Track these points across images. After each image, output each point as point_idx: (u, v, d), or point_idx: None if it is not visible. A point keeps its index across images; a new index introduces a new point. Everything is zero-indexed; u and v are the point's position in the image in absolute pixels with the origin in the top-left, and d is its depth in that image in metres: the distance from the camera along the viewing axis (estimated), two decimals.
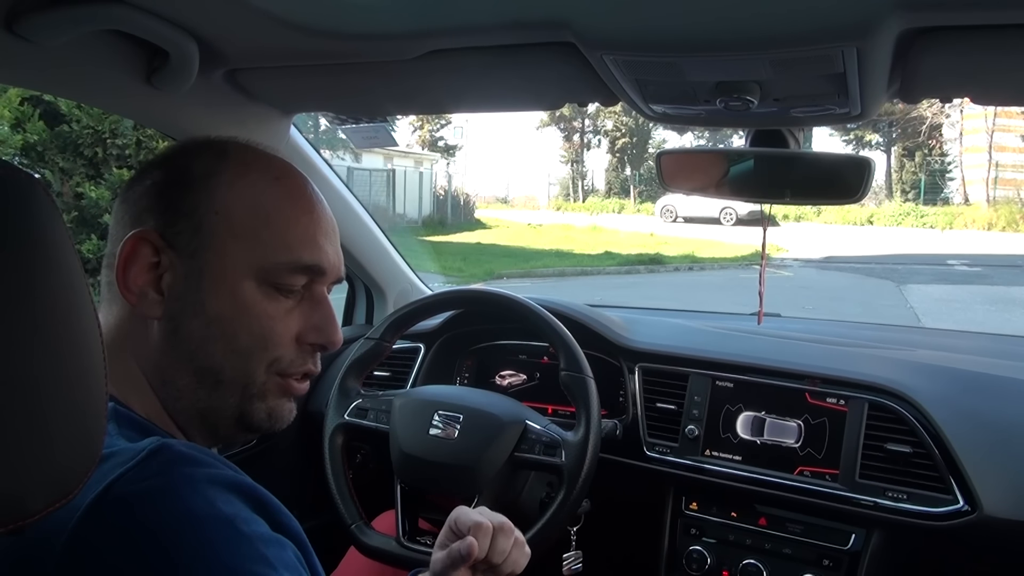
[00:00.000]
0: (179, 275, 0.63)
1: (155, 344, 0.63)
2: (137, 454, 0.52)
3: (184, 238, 0.63)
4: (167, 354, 0.63)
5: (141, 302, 0.62)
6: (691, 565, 1.30)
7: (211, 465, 0.54)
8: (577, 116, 27.41)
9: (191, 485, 0.51)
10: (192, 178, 0.64)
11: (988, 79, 0.90)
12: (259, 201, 0.65)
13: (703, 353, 1.37)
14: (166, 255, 0.63)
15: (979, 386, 1.28)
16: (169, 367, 0.64)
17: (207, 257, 0.63)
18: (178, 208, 0.63)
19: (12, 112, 3.68)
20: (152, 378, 0.64)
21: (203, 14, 0.86)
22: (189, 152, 0.67)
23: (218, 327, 0.63)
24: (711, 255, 13.65)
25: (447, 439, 1.19)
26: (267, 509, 0.56)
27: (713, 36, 0.78)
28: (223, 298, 0.63)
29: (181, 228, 0.63)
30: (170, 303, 0.63)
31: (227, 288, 0.63)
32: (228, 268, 0.63)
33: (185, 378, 0.64)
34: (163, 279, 0.63)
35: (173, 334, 0.63)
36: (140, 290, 0.62)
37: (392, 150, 18.68)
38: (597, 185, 30.03)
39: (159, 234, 0.63)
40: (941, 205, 21.86)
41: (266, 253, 0.65)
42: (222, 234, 0.63)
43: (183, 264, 0.63)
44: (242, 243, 0.64)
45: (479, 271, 11.13)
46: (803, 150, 1.13)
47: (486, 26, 0.84)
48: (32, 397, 0.39)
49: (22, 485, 0.39)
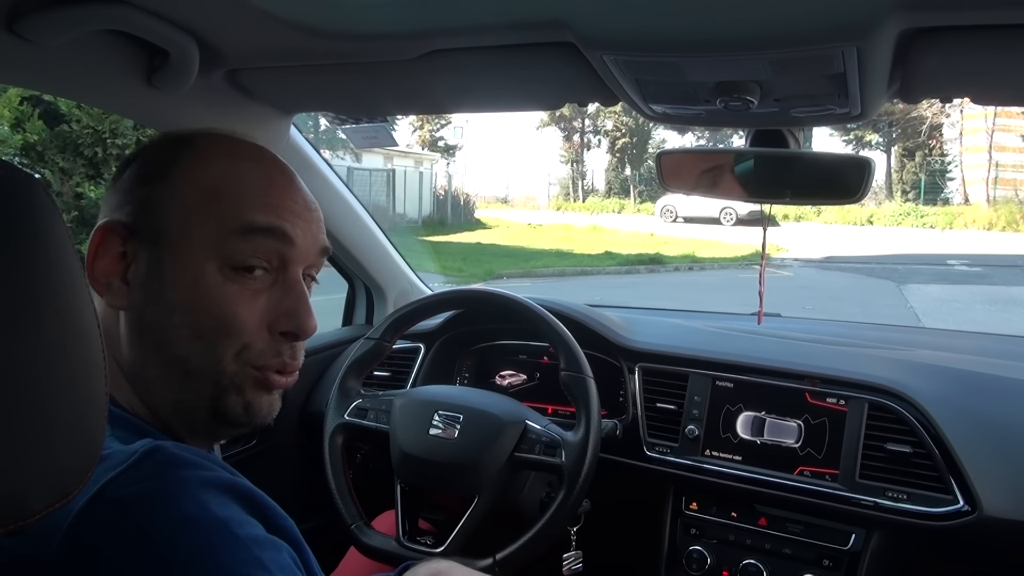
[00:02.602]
0: (142, 264, 0.63)
1: (124, 335, 0.64)
2: (130, 456, 0.51)
3: (147, 226, 0.63)
4: (135, 345, 0.64)
5: (107, 292, 0.63)
6: (691, 565, 1.30)
7: (204, 467, 0.54)
8: (577, 116, 27.40)
9: (184, 488, 0.51)
10: (157, 169, 0.65)
11: (988, 79, 0.90)
12: (218, 180, 0.65)
13: (703, 353, 1.37)
14: (131, 245, 0.63)
15: (979, 386, 1.28)
16: (138, 358, 0.64)
17: (168, 244, 0.63)
18: (144, 199, 0.64)
19: (12, 112, 3.68)
20: (130, 373, 0.64)
21: (203, 14, 0.86)
22: (159, 144, 0.68)
23: (180, 314, 0.63)
24: (711, 255, 13.65)
25: (447, 439, 1.19)
26: (262, 511, 0.56)
27: (713, 36, 0.78)
28: (184, 284, 0.63)
29: (145, 217, 0.64)
30: (134, 292, 0.63)
31: (189, 274, 0.63)
32: (189, 253, 0.63)
33: (154, 369, 0.64)
34: (130, 269, 0.63)
35: (138, 323, 0.63)
36: (107, 280, 0.63)
37: (392, 150, 18.68)
38: (597, 185, 30.05)
39: (123, 224, 0.63)
40: (941, 205, 21.86)
41: (221, 227, 0.63)
42: (180, 220, 0.63)
43: (146, 253, 0.63)
44: (199, 225, 0.63)
45: (479, 271, 11.13)
46: (803, 150, 1.13)
47: (486, 26, 0.84)
48: (33, 397, 0.39)
49: (23, 485, 0.39)
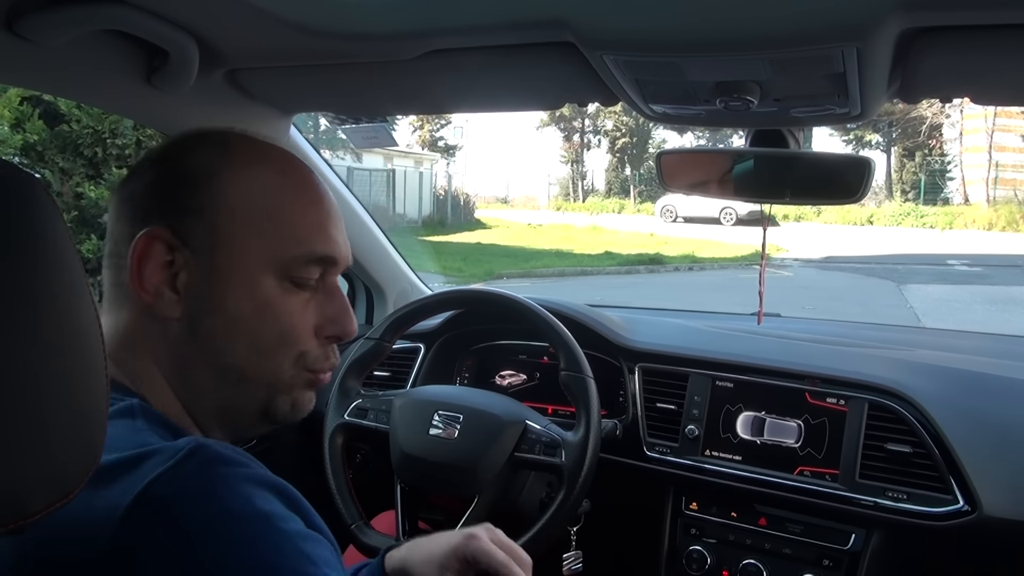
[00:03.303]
0: (195, 273, 0.62)
1: (173, 343, 0.63)
2: (175, 453, 0.51)
3: (197, 236, 0.62)
4: (187, 353, 0.63)
5: (158, 301, 0.61)
6: (691, 565, 1.30)
7: (247, 464, 0.54)
8: (577, 116, 27.41)
9: (228, 484, 0.51)
10: (196, 175, 0.63)
11: (988, 79, 0.90)
12: (267, 196, 0.65)
13: (703, 353, 1.37)
14: (180, 254, 0.62)
15: (979, 386, 1.28)
16: (189, 366, 0.63)
17: (222, 255, 0.62)
18: (185, 206, 0.62)
19: (12, 112, 3.68)
20: (172, 377, 0.63)
21: (203, 14, 0.86)
22: (189, 146, 0.66)
23: (240, 325, 0.63)
24: (711, 255, 13.65)
25: (447, 439, 1.19)
26: (300, 508, 0.56)
27: (713, 36, 0.78)
28: (242, 296, 0.63)
29: (192, 225, 0.62)
30: (187, 302, 0.62)
31: (246, 285, 0.63)
32: (245, 265, 0.63)
33: (206, 376, 0.63)
34: (178, 278, 0.62)
35: (192, 333, 0.62)
36: (156, 289, 0.61)
37: (392, 150, 18.68)
38: (597, 185, 30.06)
39: (172, 232, 0.61)
40: (941, 205, 21.87)
41: (281, 247, 0.64)
42: (235, 232, 0.63)
43: (198, 262, 0.62)
44: (256, 239, 0.63)
45: (479, 271, 11.13)
46: (803, 150, 1.13)
47: (486, 26, 0.84)
48: (33, 397, 0.39)
49: (22, 485, 0.39)
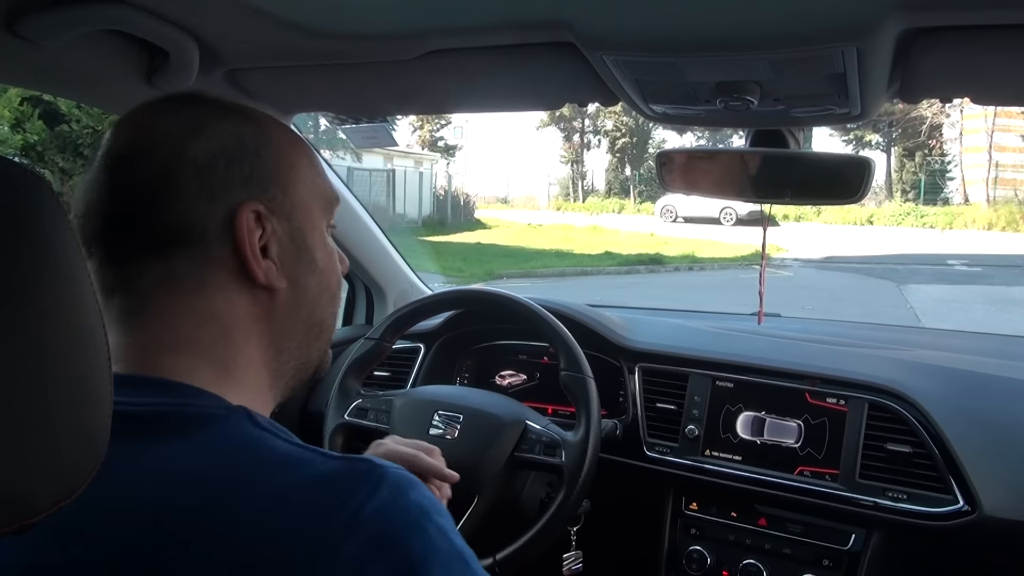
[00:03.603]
0: (284, 240, 0.61)
1: (275, 315, 0.61)
2: (363, 479, 0.50)
3: (279, 202, 0.61)
4: (288, 320, 0.62)
5: (270, 276, 0.60)
6: (691, 565, 1.30)
7: (424, 487, 0.54)
8: (577, 116, 27.41)
9: (427, 517, 0.51)
10: (252, 144, 0.61)
11: (988, 79, 0.90)
12: (304, 151, 0.66)
13: (703, 353, 1.37)
14: (270, 223, 0.60)
15: (979, 386, 1.28)
16: (286, 334, 0.63)
17: (302, 216, 0.63)
18: (261, 175, 0.61)
19: (12, 112, 3.68)
20: (268, 352, 0.62)
21: (203, 14, 0.86)
22: (218, 114, 0.62)
23: (325, 278, 0.65)
24: (711, 255, 13.66)
25: (447, 439, 1.19)
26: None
27: (713, 36, 0.78)
28: (322, 250, 0.65)
29: (274, 194, 0.61)
30: (288, 269, 0.61)
31: (321, 239, 0.65)
32: (316, 220, 0.64)
33: (301, 338, 0.64)
34: (269, 248, 0.60)
35: (298, 298, 0.62)
36: (266, 265, 0.60)
37: (392, 150, 18.69)
38: (597, 185, 30.06)
39: (260, 204, 0.60)
40: (941, 205, 21.88)
41: (324, 195, 0.66)
42: (302, 191, 0.63)
43: (284, 228, 0.61)
44: (312, 192, 0.65)
45: (479, 271, 11.13)
46: (803, 150, 1.13)
47: (486, 26, 0.84)
48: (37, 395, 0.39)
49: (28, 484, 0.39)
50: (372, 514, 0.48)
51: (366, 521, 0.48)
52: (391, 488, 0.50)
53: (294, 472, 0.50)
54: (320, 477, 0.50)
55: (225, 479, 0.49)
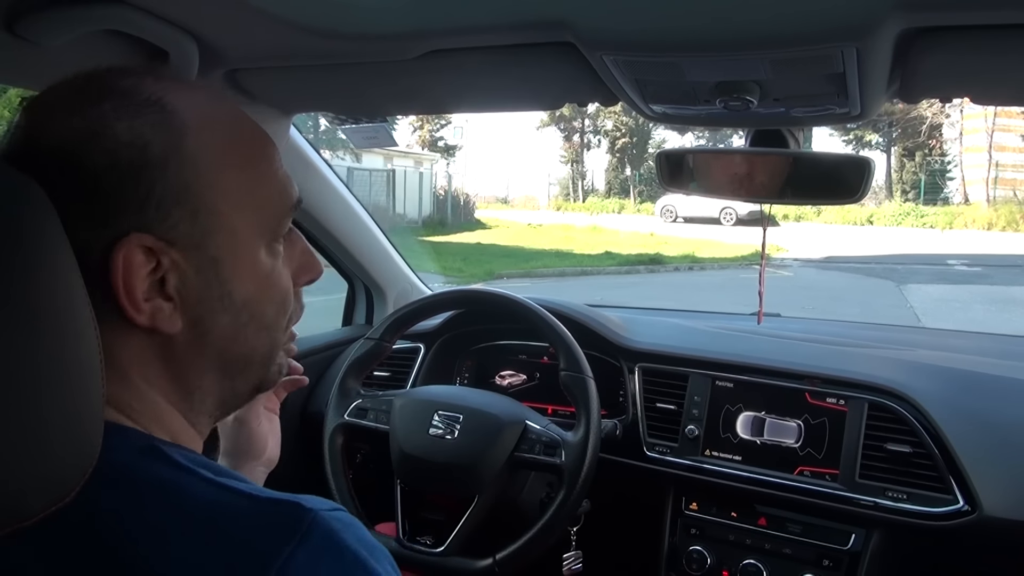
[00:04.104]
0: (187, 273, 0.52)
1: (175, 358, 0.53)
2: (291, 528, 0.45)
3: (184, 229, 0.51)
4: (193, 363, 0.54)
5: (156, 318, 0.51)
6: (691, 565, 1.30)
7: (361, 528, 0.49)
8: (577, 116, 27.40)
9: (364, 568, 0.47)
10: (157, 156, 0.50)
11: (988, 79, 0.90)
12: (243, 156, 0.55)
13: (703, 353, 1.37)
14: (167, 256, 0.51)
15: (979, 386, 1.28)
16: (196, 375, 0.55)
17: (218, 242, 0.53)
18: (161, 196, 0.50)
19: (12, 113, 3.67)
20: (174, 395, 0.54)
21: (203, 14, 0.86)
22: (122, 113, 0.51)
23: (247, 311, 0.55)
24: (711, 255, 13.66)
25: (447, 439, 1.19)
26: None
27: (713, 36, 0.78)
28: (246, 279, 0.55)
29: (177, 219, 0.51)
30: (190, 308, 0.52)
31: (247, 266, 0.55)
32: (241, 245, 0.54)
33: (212, 377, 0.56)
34: (167, 283, 0.51)
35: (200, 339, 0.54)
36: (151, 306, 0.51)
37: (392, 150, 18.68)
38: (597, 185, 30.05)
39: (153, 235, 0.50)
40: (941, 205, 21.88)
41: (268, 209, 0.56)
42: (225, 209, 0.53)
43: (191, 260, 0.52)
44: (246, 209, 0.54)
45: (479, 271, 11.13)
46: (803, 150, 1.13)
47: (486, 26, 0.84)
48: (29, 398, 0.39)
49: (21, 487, 0.39)
50: (301, 567, 0.44)
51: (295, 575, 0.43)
52: (322, 535, 0.46)
53: (218, 525, 0.45)
54: (241, 526, 0.45)
55: (135, 538, 0.44)
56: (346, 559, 0.46)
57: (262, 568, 0.43)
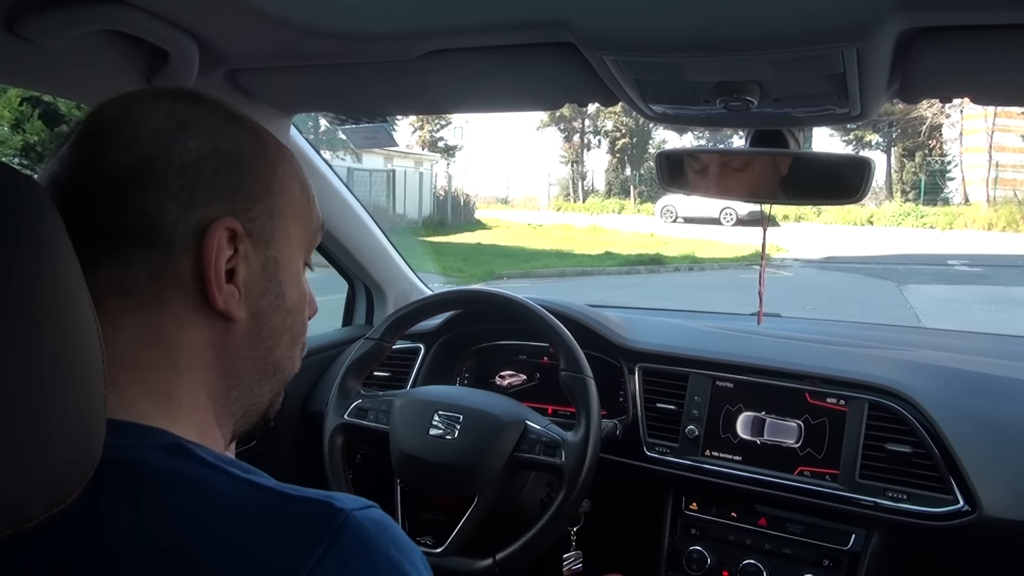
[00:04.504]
0: (255, 267, 0.54)
1: (229, 348, 0.54)
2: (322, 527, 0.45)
3: (260, 224, 0.55)
4: (242, 356, 0.55)
5: (229, 303, 0.53)
6: (691, 565, 1.30)
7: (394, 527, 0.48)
8: (577, 116, 27.41)
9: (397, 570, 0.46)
10: (249, 154, 0.55)
11: (988, 79, 0.90)
12: (297, 172, 0.60)
13: (703, 353, 1.37)
14: (244, 245, 0.53)
15: (979, 386, 1.28)
16: (242, 370, 0.56)
17: (279, 244, 0.56)
18: (249, 190, 0.54)
19: (12, 113, 3.68)
20: (215, 387, 0.55)
21: (203, 14, 0.86)
22: (219, 116, 0.56)
23: (291, 316, 0.58)
24: (711, 255, 13.66)
25: (447, 439, 1.19)
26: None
27: (713, 36, 0.78)
28: (294, 286, 0.58)
29: (256, 213, 0.54)
30: (253, 300, 0.55)
31: (295, 275, 0.59)
32: (293, 253, 0.58)
33: (252, 376, 0.57)
34: (237, 273, 0.53)
35: (258, 333, 0.55)
36: (228, 289, 0.53)
37: (392, 150, 18.69)
38: (597, 185, 30.06)
39: (238, 221, 0.53)
40: (941, 205, 21.88)
41: (311, 225, 0.61)
42: (288, 216, 0.57)
43: (259, 254, 0.55)
44: (298, 222, 0.59)
45: (479, 271, 11.13)
46: (803, 150, 1.13)
47: (486, 26, 0.84)
48: (31, 400, 0.39)
49: (21, 489, 0.38)
50: (333, 571, 0.43)
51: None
52: (353, 537, 0.45)
53: (247, 522, 0.45)
54: (276, 526, 0.45)
55: (168, 528, 0.44)
56: (378, 562, 0.45)
57: (295, 561, 0.43)
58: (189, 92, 0.57)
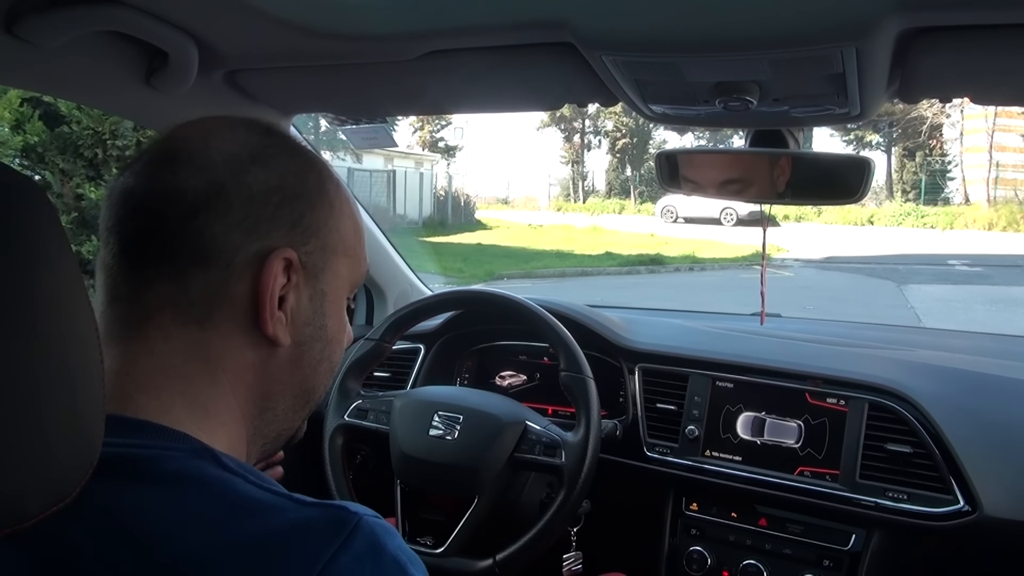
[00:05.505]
0: (303, 297, 0.58)
1: (269, 372, 0.58)
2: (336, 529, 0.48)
3: (313, 258, 0.59)
4: (281, 381, 0.59)
5: (277, 329, 0.56)
6: (691, 565, 1.30)
7: (399, 536, 0.52)
8: (577, 117, 27.43)
9: (403, 572, 0.49)
10: (311, 190, 0.59)
11: (988, 79, 0.90)
12: (354, 215, 0.64)
13: (703, 353, 1.37)
14: (297, 276, 0.57)
15: (980, 386, 1.28)
16: (278, 394, 0.59)
17: (327, 278, 0.60)
18: (308, 224, 0.58)
19: (12, 113, 3.68)
20: (250, 407, 0.58)
21: (202, 15, 0.86)
22: (287, 150, 0.60)
23: (330, 347, 0.62)
24: (712, 255, 13.66)
25: (447, 440, 1.19)
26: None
27: (712, 36, 0.78)
28: (336, 320, 0.62)
29: (312, 247, 0.58)
30: (298, 328, 0.58)
31: (338, 309, 0.62)
32: (339, 288, 0.62)
33: (287, 401, 0.60)
34: (287, 301, 0.57)
35: (298, 361, 0.59)
36: (278, 316, 0.56)
37: (392, 151, 18.70)
38: (598, 186, 30.08)
39: (296, 252, 0.57)
40: (942, 205, 21.88)
41: (359, 265, 0.64)
42: (339, 253, 0.61)
43: (308, 285, 0.59)
44: (347, 260, 0.62)
45: (479, 272, 11.13)
46: (803, 150, 1.13)
47: (485, 26, 0.84)
48: (30, 400, 0.39)
49: (20, 487, 0.39)
50: (343, 568, 0.46)
51: (337, 575, 0.46)
52: (365, 539, 0.48)
53: (263, 520, 0.47)
54: (290, 526, 0.47)
55: (192, 526, 0.46)
56: (387, 564, 0.48)
57: (308, 565, 0.45)
58: (263, 125, 0.61)
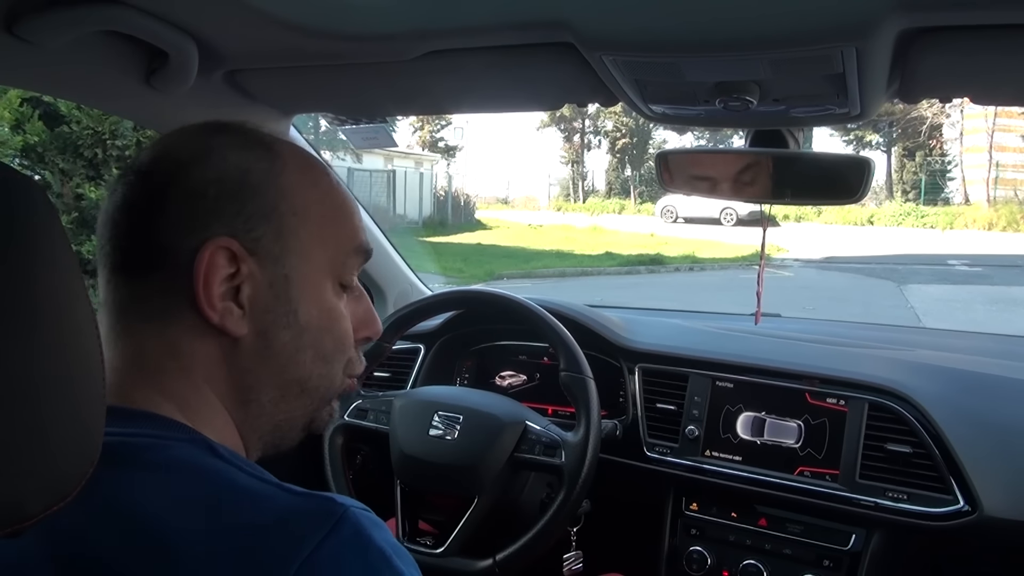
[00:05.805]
0: (261, 285, 0.57)
1: (237, 363, 0.58)
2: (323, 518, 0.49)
3: (266, 244, 0.58)
4: (253, 372, 0.59)
5: (225, 319, 0.56)
6: (691, 565, 1.30)
7: (388, 530, 0.52)
8: (577, 116, 27.43)
9: (388, 563, 0.49)
10: (256, 176, 0.59)
11: (988, 79, 0.90)
12: (326, 195, 0.63)
13: (703, 353, 1.37)
14: (246, 264, 0.57)
15: (979, 386, 1.28)
16: (255, 385, 0.59)
17: (292, 262, 0.59)
18: (252, 212, 0.57)
19: (12, 113, 3.68)
20: (230, 400, 0.59)
21: (202, 15, 0.86)
22: (234, 145, 0.60)
23: (308, 336, 0.60)
24: (711, 255, 13.65)
25: (447, 440, 1.19)
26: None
27: (712, 36, 0.78)
28: (312, 304, 0.60)
29: (261, 233, 0.57)
30: (257, 317, 0.57)
31: (313, 293, 0.61)
32: (311, 272, 0.60)
33: (271, 393, 0.60)
34: (241, 291, 0.57)
35: (264, 350, 0.58)
36: (223, 306, 0.56)
37: (392, 151, 18.70)
38: (597, 186, 30.08)
39: (238, 241, 0.56)
40: (941, 205, 21.87)
41: (337, 247, 0.63)
42: (303, 236, 0.60)
43: (265, 273, 0.58)
44: (319, 242, 0.61)
45: (479, 272, 11.13)
46: (803, 150, 1.13)
47: (485, 26, 0.84)
48: (30, 399, 0.39)
49: (21, 487, 0.39)
50: (328, 556, 0.47)
51: (321, 562, 0.46)
52: (352, 529, 0.48)
53: (253, 507, 0.48)
54: (279, 514, 0.48)
55: (186, 511, 0.47)
56: (372, 554, 0.49)
57: (293, 550, 0.46)
58: (214, 124, 0.62)
